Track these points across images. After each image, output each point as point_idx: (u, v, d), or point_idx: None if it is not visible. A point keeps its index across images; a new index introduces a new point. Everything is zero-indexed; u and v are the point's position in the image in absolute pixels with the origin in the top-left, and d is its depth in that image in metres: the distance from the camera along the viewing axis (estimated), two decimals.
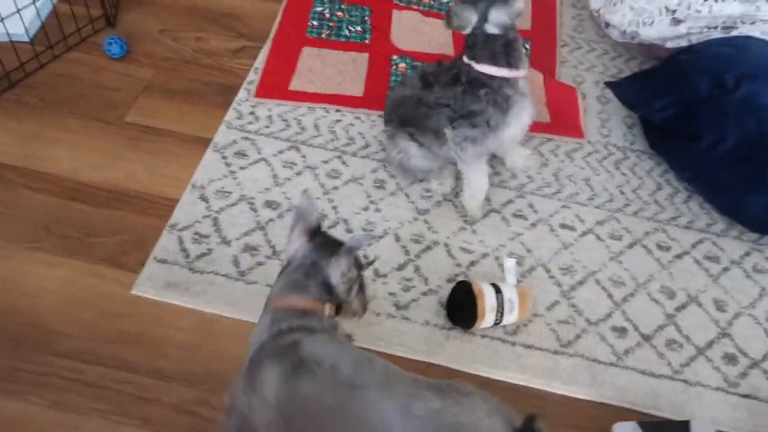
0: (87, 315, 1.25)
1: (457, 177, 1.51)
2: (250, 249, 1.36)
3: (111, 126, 1.58)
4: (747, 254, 1.45)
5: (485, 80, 1.31)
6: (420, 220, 1.45)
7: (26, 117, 1.59)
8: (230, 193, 1.45)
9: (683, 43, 1.75)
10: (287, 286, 0.92)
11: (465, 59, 1.33)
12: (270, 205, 1.44)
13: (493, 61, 1.30)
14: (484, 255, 1.40)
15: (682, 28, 1.72)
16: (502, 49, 1.29)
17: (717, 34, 1.69)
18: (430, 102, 1.36)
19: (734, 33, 1.66)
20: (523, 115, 1.38)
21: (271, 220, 1.41)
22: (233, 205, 1.43)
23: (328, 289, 0.91)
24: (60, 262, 1.32)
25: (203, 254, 1.34)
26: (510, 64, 1.31)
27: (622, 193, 1.56)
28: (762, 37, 1.63)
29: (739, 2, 1.66)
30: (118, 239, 1.37)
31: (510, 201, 1.51)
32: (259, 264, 1.34)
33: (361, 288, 1.00)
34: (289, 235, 0.94)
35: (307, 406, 0.81)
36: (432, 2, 2.03)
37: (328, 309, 0.91)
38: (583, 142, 1.67)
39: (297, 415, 0.82)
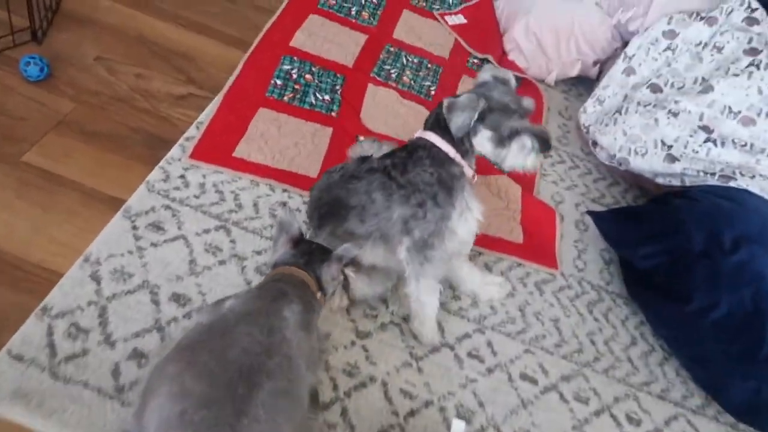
0: None
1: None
2: (138, 356, 1.07)
3: (1, 164, 1.28)
4: None
5: (431, 149, 1.16)
6: (358, 345, 1.20)
7: None
8: (131, 275, 1.17)
9: (676, 182, 1.60)
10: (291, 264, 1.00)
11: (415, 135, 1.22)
12: (178, 299, 1.16)
13: (441, 134, 1.16)
14: (428, 403, 1.15)
15: (676, 167, 1.57)
16: (450, 132, 1.15)
17: (713, 181, 1.54)
18: (362, 173, 1.16)
19: (732, 183, 1.52)
20: (472, 205, 1.18)
21: (174, 319, 1.13)
22: (131, 292, 1.14)
23: (319, 283, 1.00)
24: None
25: (75, 355, 1.04)
26: (456, 147, 1.16)
27: (593, 343, 1.36)
28: (761, 194, 1.48)
29: (738, 151, 1.52)
30: None
31: (467, 335, 1.28)
32: None
33: (345, 287, 1.08)
34: (274, 245, 1.03)
35: (224, 338, 0.83)
36: (412, 83, 1.84)
37: (319, 296, 0.99)
38: (555, 273, 1.48)
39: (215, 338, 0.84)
